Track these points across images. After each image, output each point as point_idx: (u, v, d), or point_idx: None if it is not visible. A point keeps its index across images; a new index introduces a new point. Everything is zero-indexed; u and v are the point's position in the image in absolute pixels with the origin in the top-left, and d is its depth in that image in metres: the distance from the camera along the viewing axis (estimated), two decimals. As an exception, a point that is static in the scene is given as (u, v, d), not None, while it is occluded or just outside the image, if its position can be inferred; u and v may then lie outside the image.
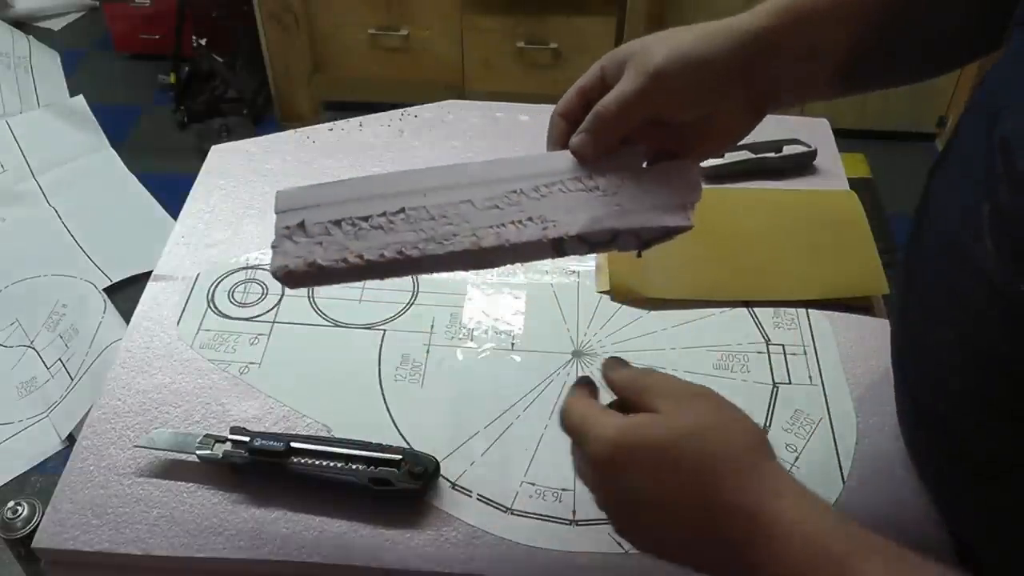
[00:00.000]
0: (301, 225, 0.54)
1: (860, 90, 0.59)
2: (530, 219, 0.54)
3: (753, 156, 0.92)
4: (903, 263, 0.57)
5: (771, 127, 0.96)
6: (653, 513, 0.44)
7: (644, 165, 0.57)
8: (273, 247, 0.54)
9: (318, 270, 0.53)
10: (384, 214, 0.54)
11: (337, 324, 0.78)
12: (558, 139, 0.57)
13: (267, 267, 0.83)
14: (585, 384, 0.52)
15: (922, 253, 0.54)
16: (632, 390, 0.48)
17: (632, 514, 0.46)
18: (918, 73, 0.61)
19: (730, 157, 0.93)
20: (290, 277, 0.53)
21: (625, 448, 0.44)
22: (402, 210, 0.54)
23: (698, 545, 0.44)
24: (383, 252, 0.53)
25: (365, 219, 0.54)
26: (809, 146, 0.93)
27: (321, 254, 0.53)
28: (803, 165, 0.93)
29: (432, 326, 0.78)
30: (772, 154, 0.92)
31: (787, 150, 0.93)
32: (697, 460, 0.43)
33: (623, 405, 0.49)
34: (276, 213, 0.55)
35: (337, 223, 0.54)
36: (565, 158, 0.56)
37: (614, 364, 0.51)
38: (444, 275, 0.82)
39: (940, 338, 0.51)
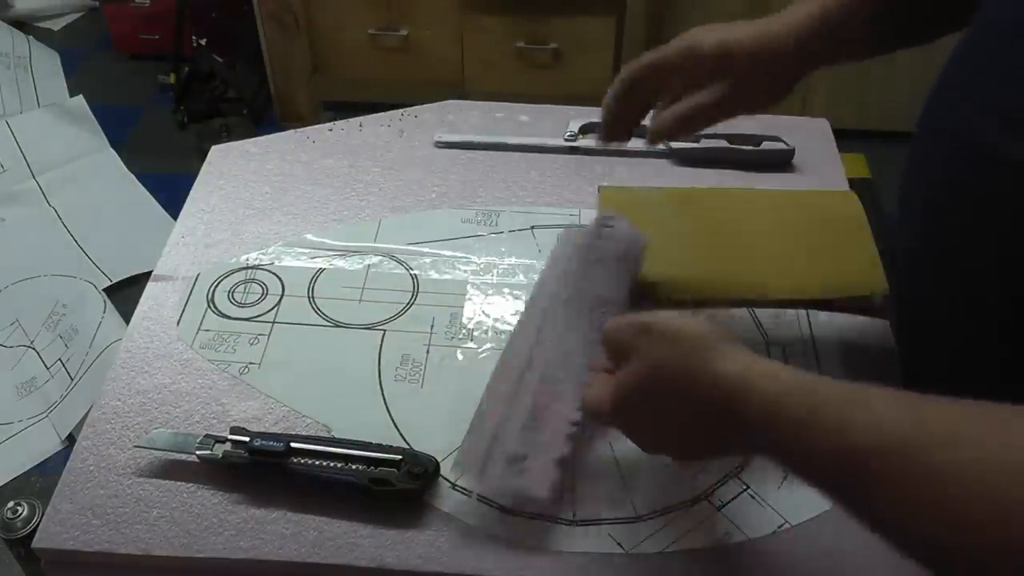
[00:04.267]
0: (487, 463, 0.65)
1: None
2: None
3: (728, 146, 0.92)
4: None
5: (770, 124, 0.97)
6: (664, 429, 0.58)
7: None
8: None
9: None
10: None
11: (337, 324, 0.78)
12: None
13: (267, 267, 0.83)
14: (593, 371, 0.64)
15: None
16: (613, 347, 0.61)
17: (648, 434, 0.60)
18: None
19: (706, 143, 0.92)
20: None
21: (620, 400, 0.59)
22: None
23: (699, 435, 0.56)
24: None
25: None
26: (788, 145, 0.93)
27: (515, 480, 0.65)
28: (779, 162, 0.93)
29: (432, 326, 0.78)
30: (750, 147, 0.92)
31: (765, 145, 0.93)
32: (669, 380, 0.56)
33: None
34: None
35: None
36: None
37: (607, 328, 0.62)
38: (444, 275, 0.83)
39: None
